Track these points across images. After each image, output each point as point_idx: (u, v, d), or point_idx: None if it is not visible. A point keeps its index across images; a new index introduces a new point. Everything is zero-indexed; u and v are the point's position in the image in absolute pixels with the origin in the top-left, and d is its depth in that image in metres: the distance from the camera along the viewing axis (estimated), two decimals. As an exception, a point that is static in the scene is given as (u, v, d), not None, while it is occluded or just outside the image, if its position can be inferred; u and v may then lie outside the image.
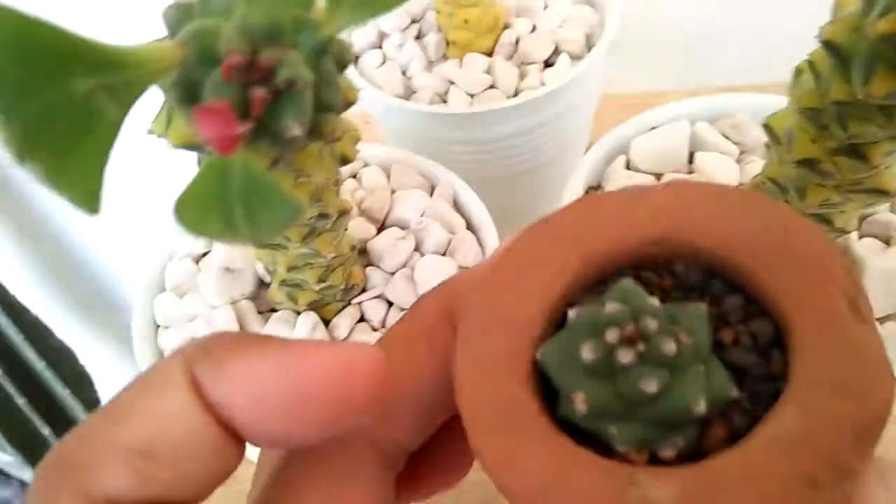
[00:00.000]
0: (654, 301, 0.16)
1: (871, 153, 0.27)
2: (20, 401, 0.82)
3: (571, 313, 0.16)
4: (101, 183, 0.14)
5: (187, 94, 0.16)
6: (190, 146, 0.19)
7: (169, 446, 0.14)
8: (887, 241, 0.37)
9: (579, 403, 0.15)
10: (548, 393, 0.16)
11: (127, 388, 0.15)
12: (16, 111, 0.13)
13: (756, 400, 0.16)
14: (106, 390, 0.85)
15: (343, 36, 0.19)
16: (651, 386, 0.15)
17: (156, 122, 0.21)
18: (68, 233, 0.88)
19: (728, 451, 0.15)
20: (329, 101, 0.17)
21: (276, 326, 0.35)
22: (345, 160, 0.26)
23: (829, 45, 0.25)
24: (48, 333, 0.88)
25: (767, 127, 0.31)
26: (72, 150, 0.14)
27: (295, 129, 0.16)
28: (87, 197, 0.14)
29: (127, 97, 0.15)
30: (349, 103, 0.20)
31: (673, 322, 0.16)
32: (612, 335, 0.15)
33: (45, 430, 0.81)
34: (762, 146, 0.42)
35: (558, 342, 0.16)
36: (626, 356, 0.15)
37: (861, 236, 0.37)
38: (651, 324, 0.15)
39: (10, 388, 0.83)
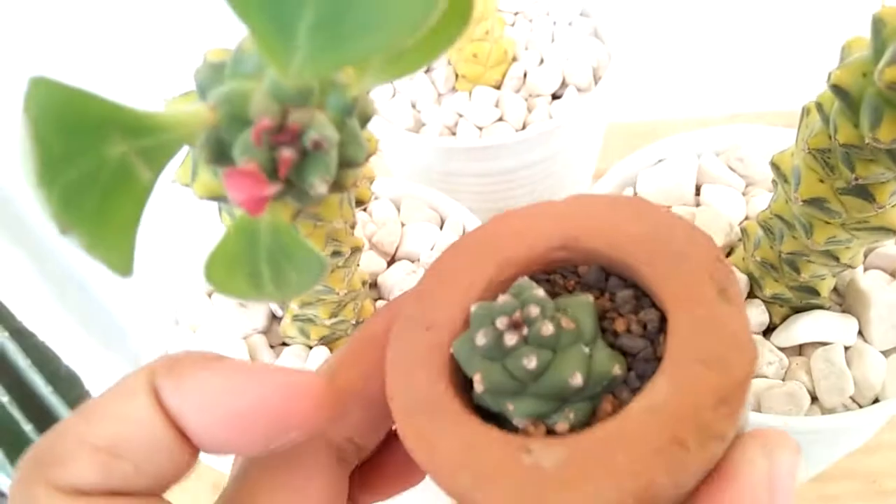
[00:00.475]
0: (541, 292, 0.18)
1: (878, 193, 0.27)
2: (26, 427, 0.82)
3: (473, 308, 0.18)
4: (134, 245, 0.15)
5: (217, 153, 0.17)
6: (214, 198, 0.20)
7: (130, 445, 0.16)
8: (893, 274, 0.38)
9: (477, 383, 0.18)
10: (468, 382, 0.19)
11: (99, 395, 0.17)
12: (56, 181, 0.13)
13: (644, 379, 0.18)
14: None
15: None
16: (531, 363, 0.17)
17: (181, 171, 0.21)
18: (77, 258, 0.88)
19: (609, 421, 0.17)
20: (353, 158, 0.18)
21: (288, 360, 0.36)
22: (360, 202, 0.26)
23: (837, 89, 0.25)
24: (55, 359, 0.88)
25: (774, 165, 0.31)
26: (107, 216, 0.14)
27: (321, 188, 0.16)
28: (122, 260, 0.14)
29: (159, 159, 0.15)
30: (370, 154, 0.21)
31: (562, 311, 0.18)
32: (501, 322, 0.17)
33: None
34: (767, 178, 0.42)
35: (466, 335, 0.18)
36: (511, 339, 0.17)
37: (867, 269, 0.38)
38: (533, 311, 0.17)
39: (17, 414, 0.83)
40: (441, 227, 0.42)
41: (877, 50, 0.24)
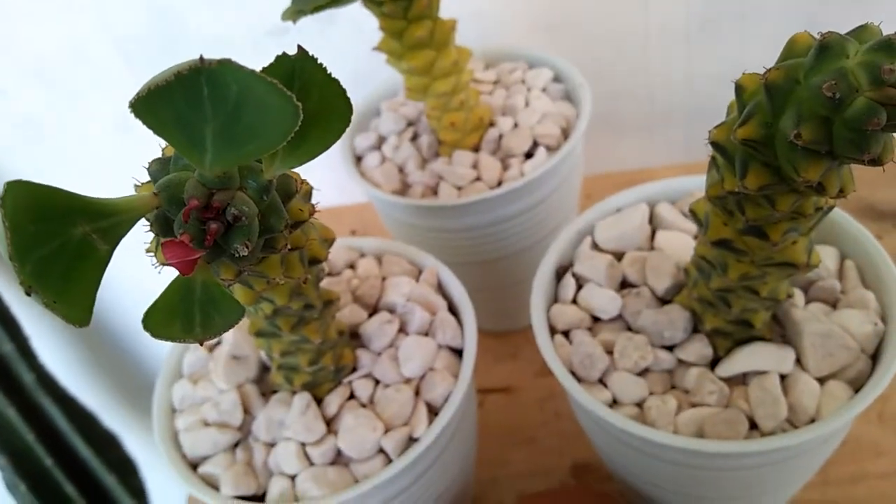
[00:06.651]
0: None
1: (771, 232, 0.31)
2: (69, 488, 0.88)
3: None
4: (93, 302, 0.19)
5: (164, 228, 0.22)
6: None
7: None
8: (834, 305, 0.40)
9: None
10: None
11: None
12: (27, 257, 0.18)
13: None
14: (150, 475, 0.90)
15: (290, 172, 0.24)
16: None
17: (151, 243, 0.26)
18: (115, 330, 0.95)
19: None
20: (273, 225, 0.22)
21: (275, 406, 0.40)
22: (316, 260, 0.31)
23: (715, 145, 0.29)
24: (95, 421, 0.94)
25: (692, 212, 0.35)
26: (70, 281, 0.19)
27: (243, 250, 0.21)
28: (81, 314, 0.19)
29: (115, 236, 0.20)
30: (299, 222, 0.25)
31: None
32: None
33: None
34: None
35: None
36: None
37: (809, 300, 0.41)
38: None
39: (60, 477, 0.89)
40: (417, 280, 0.46)
41: (739, 111, 0.28)
